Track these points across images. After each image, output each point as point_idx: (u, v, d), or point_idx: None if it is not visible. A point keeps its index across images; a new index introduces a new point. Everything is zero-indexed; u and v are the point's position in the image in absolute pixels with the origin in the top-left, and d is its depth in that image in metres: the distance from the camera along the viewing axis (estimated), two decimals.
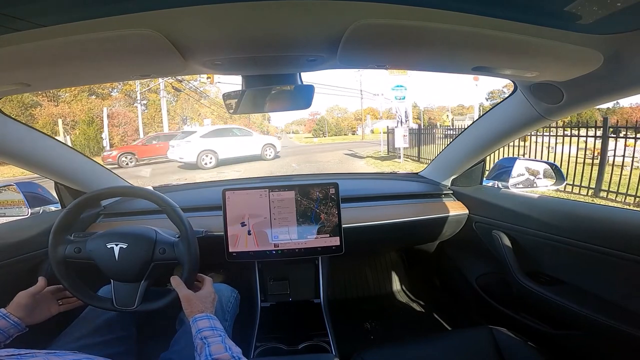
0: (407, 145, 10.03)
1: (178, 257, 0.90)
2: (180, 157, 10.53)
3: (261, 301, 1.24)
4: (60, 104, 19.51)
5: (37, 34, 0.50)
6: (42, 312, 0.85)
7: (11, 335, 0.75)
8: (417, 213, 1.34)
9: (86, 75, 0.74)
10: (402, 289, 1.92)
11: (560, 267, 1.04)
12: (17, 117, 0.90)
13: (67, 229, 0.91)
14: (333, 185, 1.15)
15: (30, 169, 1.03)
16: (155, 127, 21.51)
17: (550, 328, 1.06)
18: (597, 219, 0.93)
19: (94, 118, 18.18)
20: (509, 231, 1.18)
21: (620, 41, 0.58)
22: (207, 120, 21.89)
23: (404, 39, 0.58)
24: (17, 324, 0.76)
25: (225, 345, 0.67)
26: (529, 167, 1.32)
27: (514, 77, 0.83)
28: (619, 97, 0.77)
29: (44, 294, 0.88)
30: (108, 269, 0.88)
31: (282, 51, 0.66)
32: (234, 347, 0.68)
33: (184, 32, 0.54)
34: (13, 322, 0.76)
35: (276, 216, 1.14)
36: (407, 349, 0.93)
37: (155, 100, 22.07)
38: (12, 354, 0.48)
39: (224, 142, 11.02)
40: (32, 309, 0.81)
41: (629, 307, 0.84)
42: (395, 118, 11.87)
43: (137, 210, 1.30)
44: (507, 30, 0.55)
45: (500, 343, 0.91)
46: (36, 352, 0.51)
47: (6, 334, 0.74)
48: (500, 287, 1.25)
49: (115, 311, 0.90)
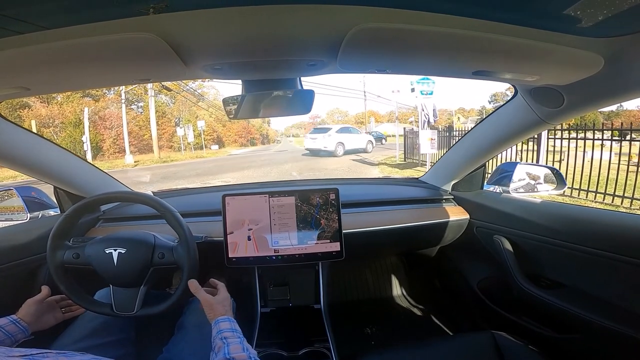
0: (436, 150, 7.85)
1: (177, 262, 0.90)
2: (325, 147, 13.50)
3: (261, 307, 1.23)
4: (51, 105, 19.04)
5: (37, 37, 0.50)
6: (47, 320, 0.88)
7: (17, 340, 0.77)
8: (418, 218, 1.33)
9: (86, 79, 0.74)
10: (403, 293, 1.91)
11: (561, 270, 1.04)
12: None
13: (65, 234, 0.91)
14: (333, 190, 1.15)
15: (30, 173, 1.03)
16: (150, 130, 21.34)
17: (551, 332, 1.05)
18: (597, 223, 0.93)
19: (83, 120, 17.65)
20: (510, 235, 1.18)
21: (621, 44, 0.58)
22: (200, 122, 21.85)
23: (404, 43, 0.58)
24: (25, 330, 0.79)
25: (244, 346, 0.70)
26: (529, 171, 1.31)
27: (515, 81, 0.83)
28: (620, 100, 0.76)
29: (49, 302, 0.90)
30: (107, 274, 0.87)
31: (282, 56, 0.66)
32: (251, 350, 0.71)
33: (184, 36, 0.54)
34: (22, 328, 0.79)
35: (276, 222, 1.13)
36: (408, 354, 0.92)
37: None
38: (25, 354, 0.48)
39: (348, 137, 14.40)
40: (39, 316, 0.85)
41: (630, 309, 0.84)
42: (394, 119, 11.22)
43: (136, 216, 1.30)
44: (507, 34, 0.55)
45: (502, 347, 0.90)
46: (47, 352, 0.51)
47: (13, 338, 0.76)
48: (502, 291, 1.24)
49: (114, 316, 0.89)
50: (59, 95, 18.92)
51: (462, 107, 54.78)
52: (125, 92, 18.85)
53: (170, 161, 16.47)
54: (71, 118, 18.74)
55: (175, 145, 23.92)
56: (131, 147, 18.47)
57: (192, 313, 0.97)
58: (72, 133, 17.25)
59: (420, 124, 8.49)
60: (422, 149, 7.99)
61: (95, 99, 21.40)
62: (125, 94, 18.99)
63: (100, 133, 20.59)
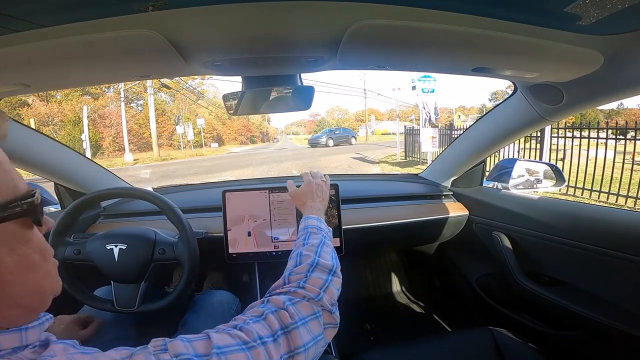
0: (438, 148, 7.84)
1: (178, 257, 0.90)
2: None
3: None
4: (51, 103, 18.97)
5: (37, 35, 0.50)
6: (70, 335, 0.80)
7: None
8: (418, 214, 1.33)
9: (86, 76, 0.75)
10: (402, 290, 1.92)
11: (560, 267, 1.04)
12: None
13: (66, 230, 0.91)
14: (333, 186, 1.15)
15: (30, 169, 1.03)
16: (150, 128, 21.31)
17: (550, 329, 1.06)
18: (596, 220, 0.93)
19: (82, 118, 17.46)
20: (509, 232, 1.18)
21: (621, 42, 0.58)
22: (200, 120, 21.79)
23: (404, 40, 0.58)
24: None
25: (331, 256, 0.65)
26: (529, 168, 1.32)
27: (514, 78, 0.83)
28: (619, 97, 0.77)
29: (74, 320, 0.84)
30: (108, 270, 0.88)
31: (282, 52, 0.66)
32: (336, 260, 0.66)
33: (183, 33, 0.54)
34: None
35: (276, 217, 1.14)
36: (407, 350, 0.93)
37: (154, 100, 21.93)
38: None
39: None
40: (66, 335, 0.79)
41: (629, 307, 0.84)
42: (394, 117, 11.14)
43: (136, 212, 1.30)
44: (507, 31, 0.55)
45: (501, 344, 0.91)
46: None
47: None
48: (501, 287, 1.24)
49: (116, 312, 0.89)
50: (58, 93, 18.82)
51: (463, 105, 54.81)
52: (125, 90, 18.77)
53: (169, 159, 16.47)
54: (70, 116, 18.64)
55: (174, 143, 23.92)
56: (130, 145, 18.42)
57: (197, 310, 0.97)
58: (71, 131, 17.17)
59: (422, 122, 8.44)
60: (423, 147, 7.98)
61: (95, 97, 21.31)
62: (125, 92, 18.91)
63: (100, 131, 20.52)
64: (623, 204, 4.27)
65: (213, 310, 0.98)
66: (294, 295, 0.52)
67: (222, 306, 1.01)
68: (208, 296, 1.05)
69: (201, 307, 0.98)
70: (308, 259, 0.59)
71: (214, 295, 1.05)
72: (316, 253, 0.62)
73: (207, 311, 0.97)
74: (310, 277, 0.56)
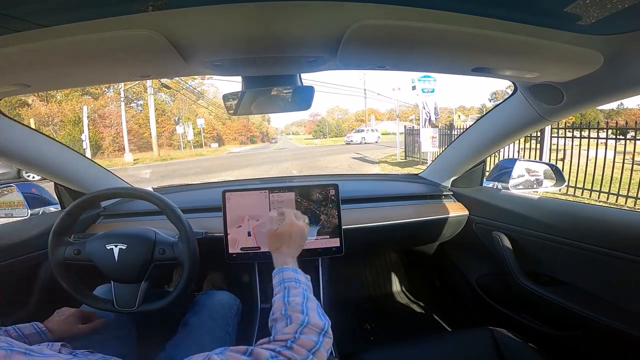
0: (438, 148, 7.81)
1: (178, 257, 0.90)
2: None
3: (261, 302, 1.24)
4: (50, 103, 18.95)
5: (37, 35, 0.50)
6: (71, 331, 0.82)
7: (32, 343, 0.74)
8: (417, 214, 1.33)
9: (86, 76, 0.75)
10: (402, 290, 1.92)
11: (560, 267, 1.04)
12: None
13: (66, 230, 0.91)
14: (333, 186, 1.15)
15: (31, 169, 1.03)
16: (150, 128, 21.29)
17: (550, 329, 1.06)
18: (596, 220, 0.93)
19: (82, 118, 17.40)
20: (509, 232, 1.18)
21: (621, 42, 0.58)
22: (200, 120, 21.78)
23: (404, 40, 0.58)
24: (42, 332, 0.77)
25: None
26: (529, 168, 1.32)
27: (514, 78, 0.83)
28: (619, 98, 0.77)
29: (75, 313, 0.85)
30: (108, 270, 0.88)
31: (282, 52, 0.66)
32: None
33: (183, 33, 0.54)
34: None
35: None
36: (407, 350, 0.93)
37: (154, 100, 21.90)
38: (26, 352, 0.46)
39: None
40: (64, 327, 0.81)
41: (629, 307, 0.84)
42: (394, 117, 11.17)
43: (136, 212, 1.30)
44: (507, 31, 0.55)
45: (501, 344, 0.91)
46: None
47: (27, 340, 0.73)
48: (501, 288, 1.24)
49: (116, 312, 0.89)
50: (58, 93, 18.82)
51: (463, 105, 54.85)
52: (125, 90, 18.78)
53: (169, 159, 16.47)
54: (70, 116, 18.63)
55: (174, 143, 23.93)
56: (131, 145, 18.42)
57: (198, 311, 0.97)
58: (71, 131, 17.15)
59: (422, 122, 8.42)
60: (423, 147, 7.92)
61: (95, 97, 21.31)
62: (125, 92, 18.91)
63: (100, 131, 20.52)
64: (623, 204, 4.27)
65: (213, 310, 0.98)
66: (279, 355, 0.50)
67: (222, 307, 1.01)
68: (208, 296, 1.05)
69: (201, 308, 0.98)
70: (297, 319, 0.57)
71: (214, 296, 1.05)
72: (302, 312, 0.59)
73: (208, 311, 0.97)
74: (300, 338, 0.53)
